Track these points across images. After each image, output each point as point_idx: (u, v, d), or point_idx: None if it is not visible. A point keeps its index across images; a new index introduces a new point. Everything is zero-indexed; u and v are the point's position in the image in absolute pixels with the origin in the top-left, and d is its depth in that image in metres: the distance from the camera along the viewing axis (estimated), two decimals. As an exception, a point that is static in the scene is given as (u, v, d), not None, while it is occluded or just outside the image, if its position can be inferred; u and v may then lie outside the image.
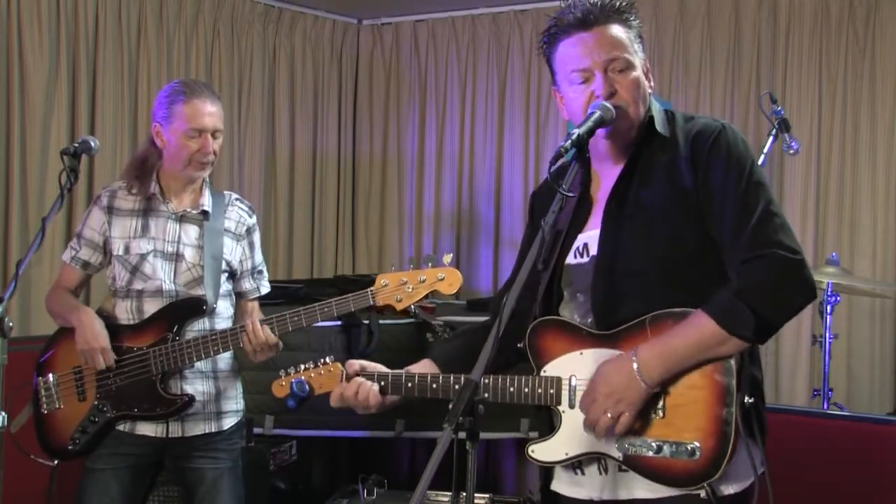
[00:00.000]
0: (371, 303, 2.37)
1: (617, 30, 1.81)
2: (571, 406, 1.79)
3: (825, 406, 3.59)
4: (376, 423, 3.80)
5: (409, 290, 2.34)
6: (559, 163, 1.70)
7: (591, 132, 1.74)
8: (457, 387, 1.86)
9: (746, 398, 1.68)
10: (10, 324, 2.08)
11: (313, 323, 2.44)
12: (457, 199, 5.16)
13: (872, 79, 4.26)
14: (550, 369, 1.83)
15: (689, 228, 1.76)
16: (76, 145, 2.37)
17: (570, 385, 1.80)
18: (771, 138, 3.65)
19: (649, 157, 1.84)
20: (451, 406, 1.50)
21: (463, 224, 5.16)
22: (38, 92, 4.10)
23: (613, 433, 1.73)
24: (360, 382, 1.96)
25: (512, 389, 1.82)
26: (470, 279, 5.09)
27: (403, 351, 3.73)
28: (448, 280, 2.33)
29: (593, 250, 1.84)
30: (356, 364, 2.00)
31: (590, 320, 1.83)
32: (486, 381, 1.83)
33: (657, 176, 1.80)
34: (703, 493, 1.69)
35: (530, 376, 1.84)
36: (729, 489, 1.74)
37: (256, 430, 3.67)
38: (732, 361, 1.68)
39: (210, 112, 2.53)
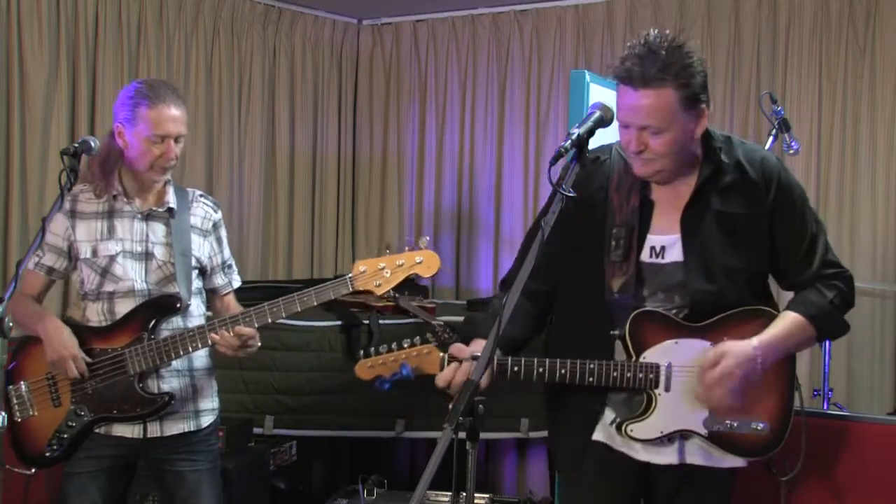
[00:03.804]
0: (350, 289, 2.37)
1: (660, 96, 1.88)
2: (668, 389, 2.02)
3: (825, 406, 3.59)
4: (376, 423, 3.80)
5: (388, 274, 2.36)
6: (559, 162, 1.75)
7: (590, 132, 1.81)
8: (592, 366, 2.00)
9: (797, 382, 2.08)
10: (10, 324, 2.08)
11: (292, 311, 2.40)
12: (457, 199, 5.16)
13: (872, 79, 4.26)
14: (649, 356, 2.03)
15: (757, 241, 2.07)
16: (76, 145, 2.35)
17: (666, 370, 2.01)
18: (771, 138, 3.64)
19: (719, 174, 2.05)
20: (451, 406, 1.50)
21: (463, 224, 5.16)
22: (38, 92, 4.10)
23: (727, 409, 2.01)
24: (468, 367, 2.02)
25: (615, 374, 2.00)
26: (470, 279, 5.08)
27: (403, 351, 3.73)
28: (426, 263, 2.34)
29: (672, 255, 2.06)
30: (463, 349, 2.05)
31: (674, 312, 2.06)
32: (591, 365, 1.99)
33: (731, 194, 2.05)
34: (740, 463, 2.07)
35: (630, 362, 2.02)
36: None
37: (256, 430, 3.66)
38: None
39: (174, 118, 2.49)
